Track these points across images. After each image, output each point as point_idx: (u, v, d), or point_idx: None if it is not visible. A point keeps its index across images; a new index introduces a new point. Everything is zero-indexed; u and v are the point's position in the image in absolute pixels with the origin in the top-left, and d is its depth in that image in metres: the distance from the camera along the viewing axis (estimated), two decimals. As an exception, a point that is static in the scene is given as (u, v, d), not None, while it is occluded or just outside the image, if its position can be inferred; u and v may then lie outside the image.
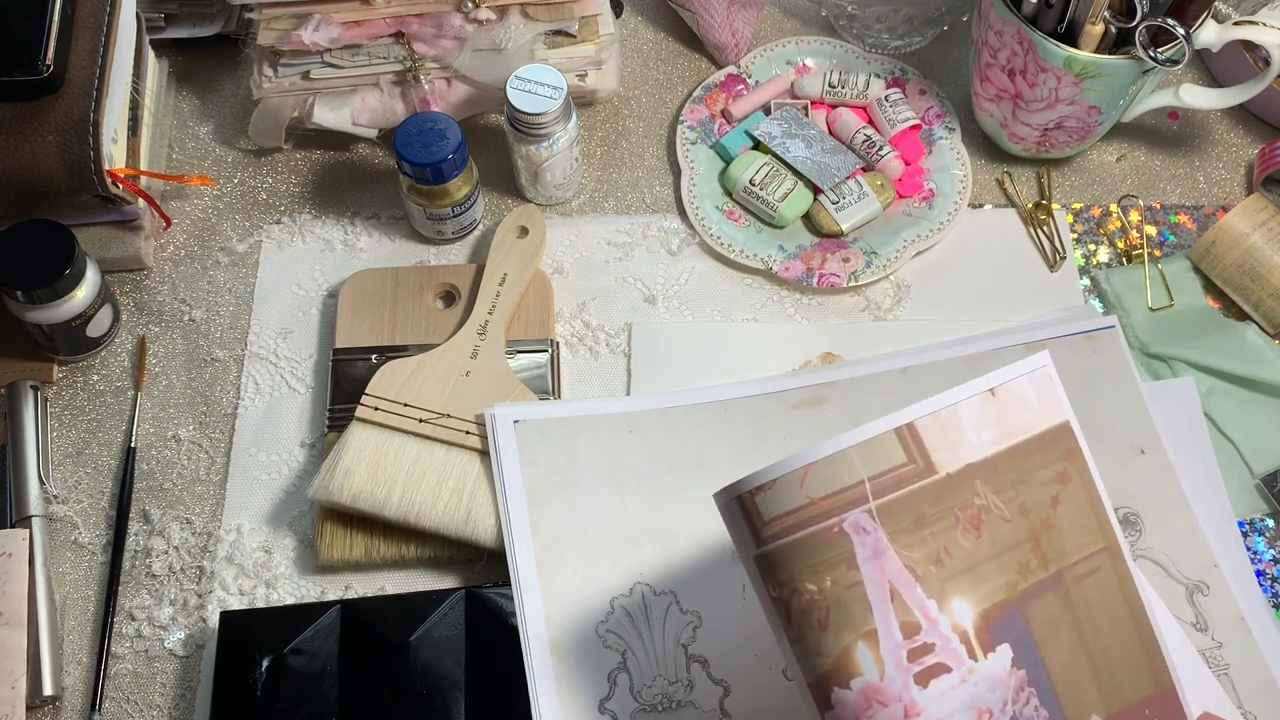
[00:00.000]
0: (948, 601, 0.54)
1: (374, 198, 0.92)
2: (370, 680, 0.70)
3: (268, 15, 0.86)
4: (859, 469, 0.54)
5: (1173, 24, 0.79)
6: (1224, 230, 0.85)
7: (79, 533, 0.79)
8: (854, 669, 0.53)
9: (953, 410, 0.56)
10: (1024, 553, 0.55)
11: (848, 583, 0.53)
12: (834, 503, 0.54)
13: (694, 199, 0.90)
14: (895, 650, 0.53)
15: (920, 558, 0.54)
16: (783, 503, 0.54)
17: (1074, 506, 0.56)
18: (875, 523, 0.54)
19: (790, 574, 0.53)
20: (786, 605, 0.54)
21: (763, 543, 0.54)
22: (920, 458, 0.55)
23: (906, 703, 0.53)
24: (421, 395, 0.79)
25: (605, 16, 0.90)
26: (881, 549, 0.53)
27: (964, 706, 0.53)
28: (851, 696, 0.53)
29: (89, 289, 0.81)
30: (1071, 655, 0.54)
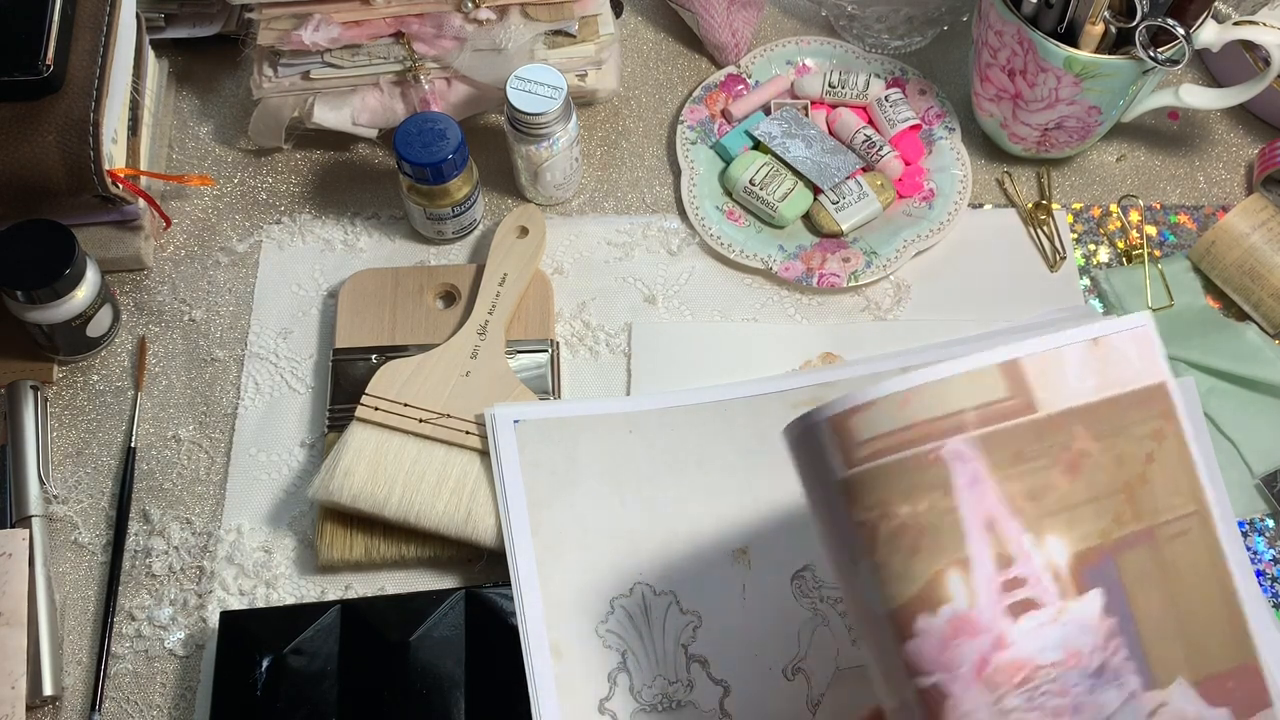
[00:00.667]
0: (1042, 538, 0.53)
1: (374, 198, 0.92)
2: (370, 680, 0.70)
3: (268, 15, 0.86)
4: (962, 398, 0.53)
5: (1173, 24, 0.79)
6: (1224, 230, 0.85)
7: (79, 533, 0.79)
8: (943, 596, 0.51)
9: (1056, 353, 0.55)
10: (1119, 503, 0.54)
11: (943, 509, 0.52)
12: (935, 428, 0.53)
13: (694, 199, 0.90)
14: (988, 580, 0.52)
15: (1017, 492, 0.53)
16: (881, 424, 0.52)
17: (1168, 466, 0.55)
18: (975, 451, 0.53)
19: (881, 496, 0.52)
20: (874, 529, 0.52)
21: (854, 464, 0.52)
22: (1022, 394, 0.54)
23: (997, 634, 0.51)
24: (421, 395, 0.79)
25: (605, 16, 0.90)
26: (980, 478, 0.52)
27: (1054, 645, 0.52)
28: (938, 624, 0.51)
29: (89, 289, 0.81)
30: (1161, 613, 0.53)
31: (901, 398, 0.53)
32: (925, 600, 0.51)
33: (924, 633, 0.51)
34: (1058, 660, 0.52)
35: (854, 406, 0.53)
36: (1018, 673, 0.51)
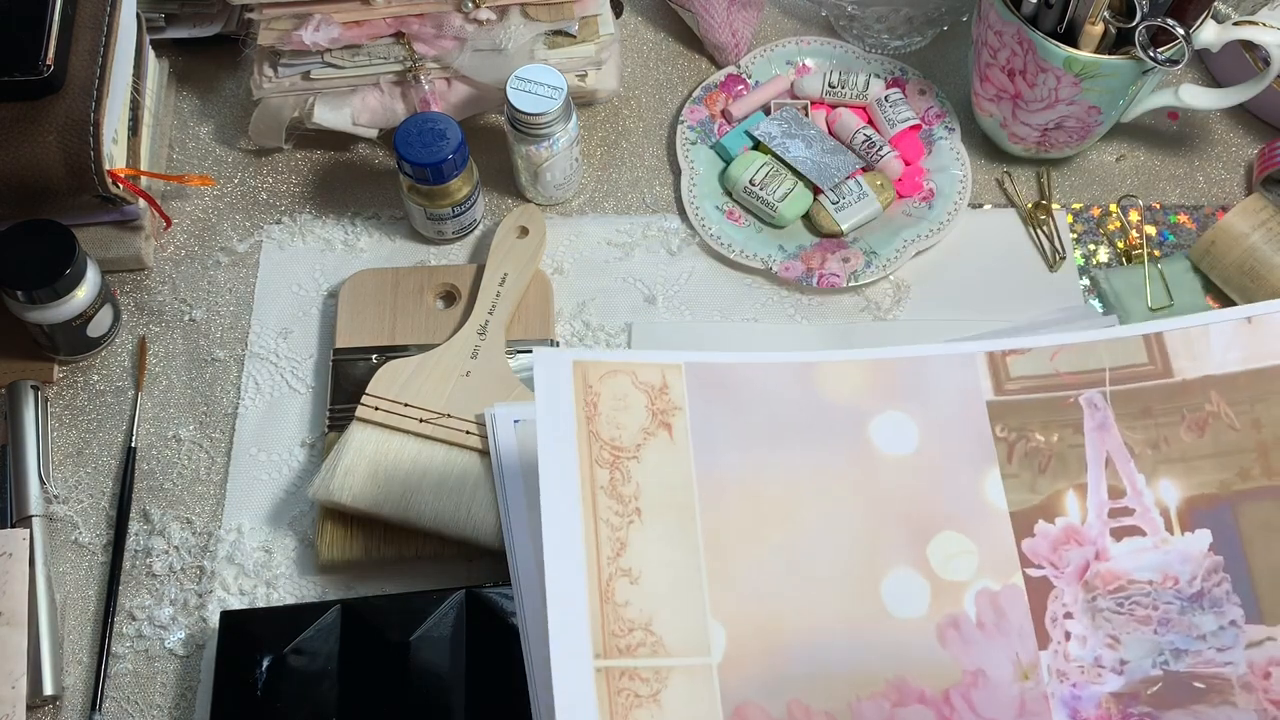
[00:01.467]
0: (1156, 480, 0.63)
1: (374, 198, 0.92)
2: (370, 680, 0.70)
3: (268, 15, 0.86)
4: (1104, 359, 0.65)
5: (1172, 24, 0.79)
6: (1224, 230, 0.85)
7: (79, 533, 0.79)
8: (1060, 509, 0.63)
9: (1203, 329, 0.65)
10: (1248, 459, 0.63)
11: (1071, 443, 0.64)
12: (1076, 379, 0.65)
13: (694, 199, 0.90)
14: (1099, 505, 0.63)
15: (1139, 440, 0.64)
16: (1031, 368, 0.65)
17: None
18: (1106, 403, 0.64)
19: (1023, 421, 0.64)
20: (1011, 446, 0.64)
21: (1003, 392, 0.65)
22: (1160, 362, 0.65)
23: (1099, 547, 0.62)
24: (422, 395, 0.79)
25: (605, 16, 0.90)
26: (1107, 424, 0.64)
27: (1151, 567, 0.61)
28: (1053, 530, 0.62)
29: (89, 289, 0.81)
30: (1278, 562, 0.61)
31: (1052, 351, 0.65)
32: (1045, 510, 0.63)
33: (1041, 534, 0.62)
34: (1153, 579, 0.61)
35: (1013, 349, 0.65)
36: (1113, 581, 0.61)
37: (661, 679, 0.58)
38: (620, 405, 0.63)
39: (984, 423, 0.64)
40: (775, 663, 0.59)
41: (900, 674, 0.60)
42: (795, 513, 0.63)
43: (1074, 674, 0.61)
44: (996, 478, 0.63)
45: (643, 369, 0.63)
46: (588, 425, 0.61)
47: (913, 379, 0.65)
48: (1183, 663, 0.61)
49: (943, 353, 0.66)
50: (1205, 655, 0.60)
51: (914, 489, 0.63)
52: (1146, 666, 0.61)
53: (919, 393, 0.65)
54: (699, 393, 0.64)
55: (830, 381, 0.66)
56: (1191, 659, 0.60)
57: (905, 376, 0.66)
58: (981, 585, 0.61)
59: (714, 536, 0.61)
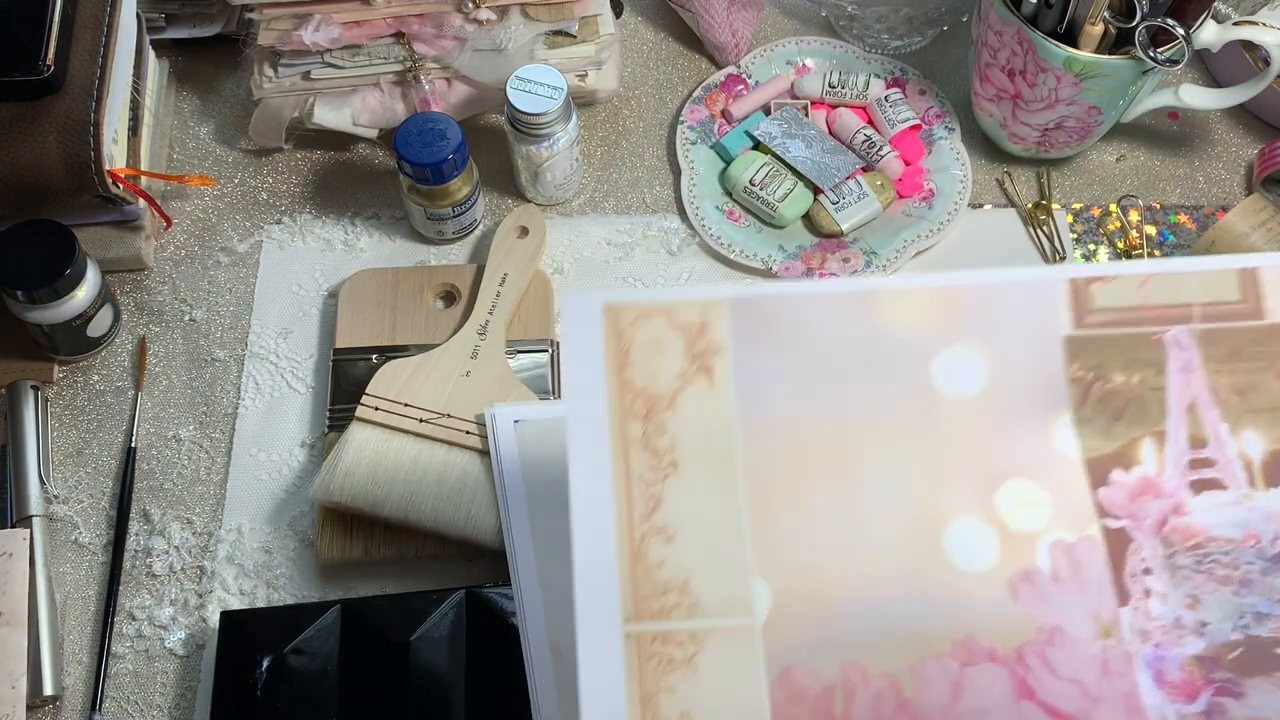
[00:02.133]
0: (1241, 431, 0.58)
1: (374, 198, 0.92)
2: (370, 680, 0.70)
3: (268, 15, 0.86)
4: (1195, 292, 0.59)
5: (1172, 24, 0.79)
6: (1224, 230, 0.85)
7: (79, 533, 0.79)
8: (1137, 458, 0.58)
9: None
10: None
11: (1152, 385, 0.59)
12: (1163, 313, 0.59)
13: (694, 199, 0.90)
14: (1179, 455, 0.58)
15: (1226, 385, 0.59)
16: (1117, 298, 0.59)
17: None
18: (1193, 342, 0.59)
19: (1102, 360, 0.59)
20: (1088, 387, 0.59)
21: (1083, 325, 0.59)
22: (1253, 300, 0.60)
23: (1177, 501, 0.57)
24: (422, 395, 0.79)
25: (605, 16, 0.90)
26: (1192, 367, 0.59)
27: (1232, 523, 0.57)
28: (1129, 480, 0.58)
29: (89, 289, 0.81)
30: None
31: (1141, 279, 0.60)
32: (1121, 458, 0.58)
33: (1117, 484, 0.58)
34: (1234, 537, 0.57)
35: (1097, 275, 0.60)
36: (1192, 538, 0.57)
37: (698, 642, 0.55)
38: (655, 351, 0.59)
39: (1058, 360, 0.59)
40: (827, 623, 0.56)
41: (968, 632, 0.56)
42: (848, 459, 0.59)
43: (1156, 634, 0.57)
44: (1068, 422, 0.59)
45: (682, 308, 0.60)
46: (619, 375, 0.58)
47: (985, 309, 0.61)
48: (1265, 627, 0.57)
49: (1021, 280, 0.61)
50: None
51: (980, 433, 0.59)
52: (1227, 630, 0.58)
53: (990, 325, 0.61)
54: (744, 331, 0.60)
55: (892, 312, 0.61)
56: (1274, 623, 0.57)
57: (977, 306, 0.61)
58: (1055, 536, 0.58)
59: (758, 487, 0.58)
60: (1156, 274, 0.60)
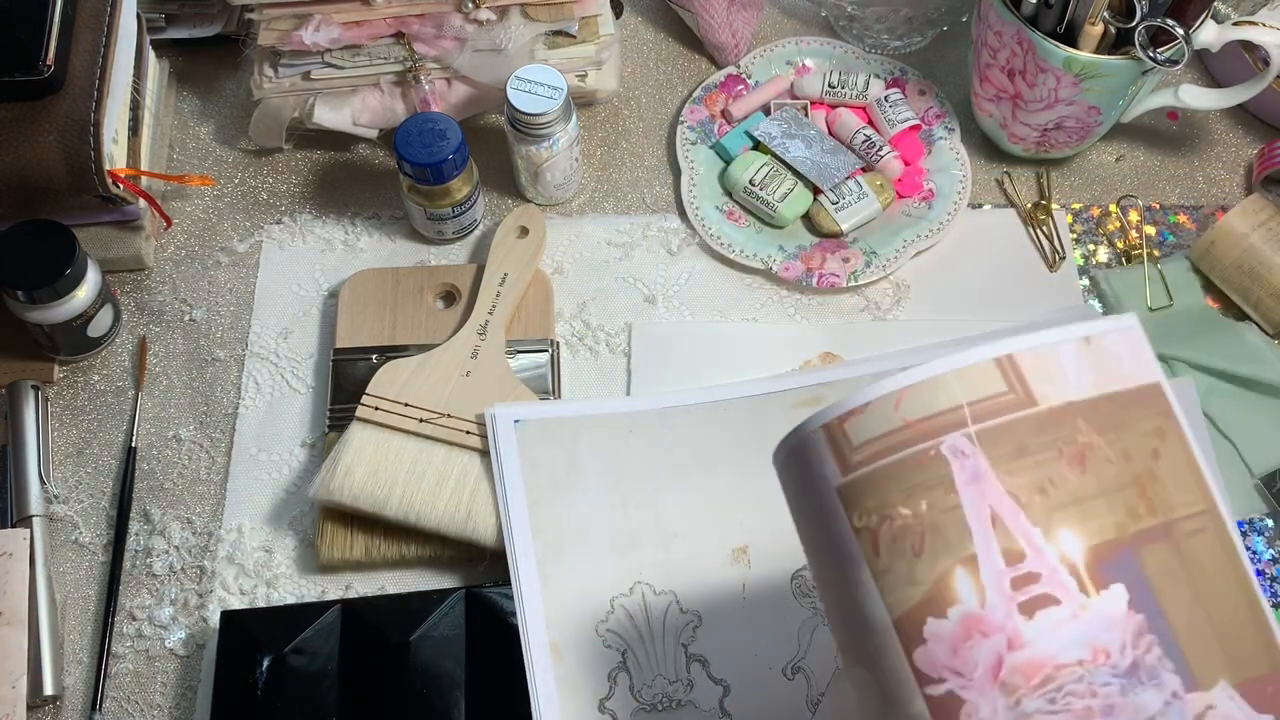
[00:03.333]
0: (1054, 532, 0.50)
1: (374, 198, 0.92)
2: (370, 680, 0.70)
3: (268, 15, 0.86)
4: (957, 394, 0.52)
5: (1172, 24, 0.79)
6: (1223, 230, 0.85)
7: (79, 532, 0.79)
8: (951, 597, 0.49)
9: (1052, 349, 0.53)
10: (1131, 496, 0.52)
11: (944, 506, 0.50)
12: (930, 426, 0.51)
13: (694, 199, 0.90)
14: (998, 576, 0.50)
15: (1023, 485, 0.51)
16: (875, 426, 0.52)
17: (1174, 463, 0.53)
18: (975, 446, 0.51)
19: (881, 499, 0.51)
20: (875, 534, 0.51)
21: (850, 469, 0.52)
22: (1021, 388, 0.52)
23: (1010, 633, 0.49)
24: (422, 395, 0.79)
25: (605, 17, 0.90)
26: (982, 473, 0.51)
27: (1076, 642, 0.49)
28: (948, 626, 0.49)
29: (89, 289, 0.81)
30: (1191, 612, 0.51)
31: (895, 398, 0.52)
32: (933, 603, 0.50)
33: (935, 637, 0.49)
34: (1082, 658, 0.49)
35: (847, 411, 0.52)
36: (1037, 673, 0.49)
37: None
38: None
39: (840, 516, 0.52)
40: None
41: None
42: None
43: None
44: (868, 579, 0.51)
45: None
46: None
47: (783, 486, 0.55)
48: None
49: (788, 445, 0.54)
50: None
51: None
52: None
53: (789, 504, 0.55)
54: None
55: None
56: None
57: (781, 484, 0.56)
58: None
59: None
60: (910, 386, 0.52)
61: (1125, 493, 0.52)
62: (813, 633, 0.72)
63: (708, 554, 0.75)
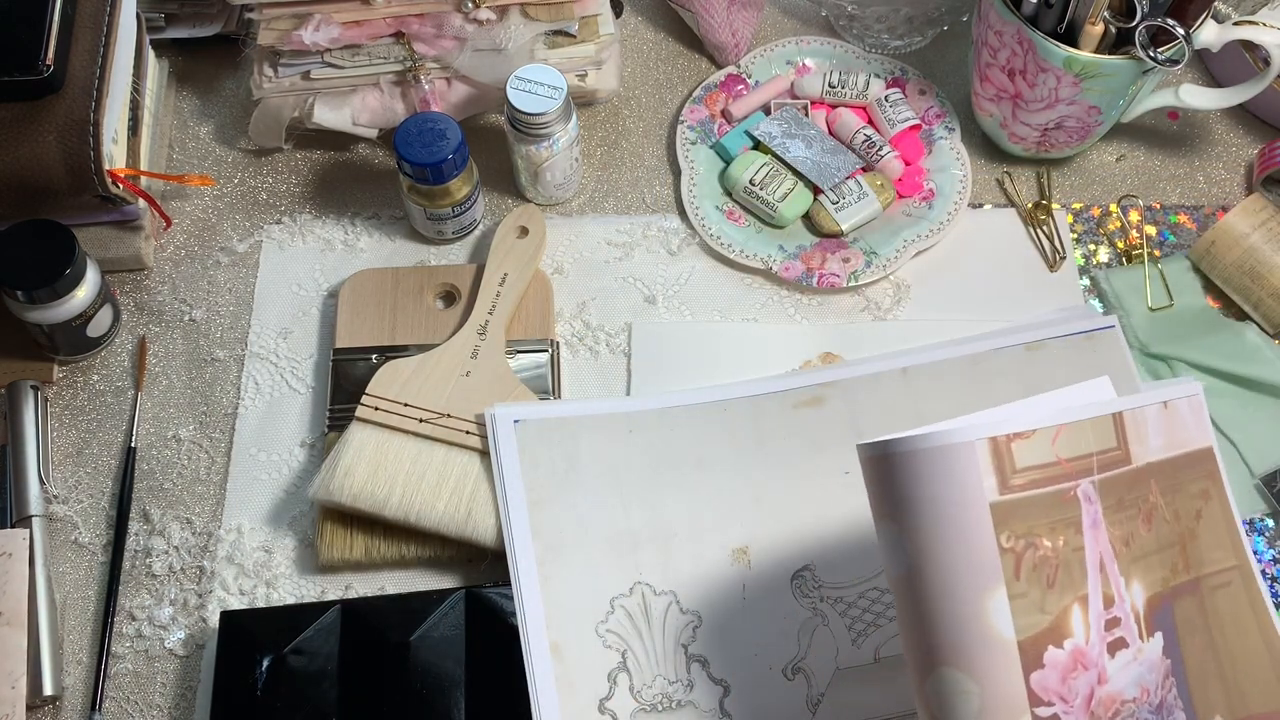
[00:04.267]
0: (1131, 582, 0.55)
1: (374, 198, 0.92)
2: (370, 680, 0.70)
3: (268, 15, 0.86)
4: (1092, 442, 0.55)
5: (1173, 24, 0.79)
6: (1224, 230, 0.85)
7: (79, 533, 0.79)
8: (1069, 630, 0.53)
9: (1143, 413, 0.58)
10: (1175, 554, 0.57)
11: (1074, 546, 0.54)
12: (1074, 468, 0.54)
13: (694, 199, 0.90)
14: (1098, 618, 0.54)
15: (1118, 536, 0.55)
16: (1036, 455, 0.54)
17: (1213, 522, 0.58)
18: (1097, 494, 0.55)
19: (1030, 526, 0.53)
20: (1019, 557, 0.53)
21: (1009, 489, 0.53)
22: (1124, 446, 0.57)
23: (1100, 669, 0.53)
24: (422, 395, 0.79)
25: (605, 16, 0.90)
26: (1099, 521, 0.54)
27: (1134, 682, 0.54)
28: (1063, 657, 0.52)
29: (89, 289, 0.81)
30: (1203, 656, 0.56)
31: (1054, 433, 0.54)
32: (1055, 633, 0.52)
33: (1052, 664, 0.52)
34: (1136, 696, 0.54)
35: (1017, 433, 0.54)
36: (1111, 705, 0.53)
37: None
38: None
39: (988, 530, 0.52)
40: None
41: None
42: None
43: None
44: (1003, 599, 0.52)
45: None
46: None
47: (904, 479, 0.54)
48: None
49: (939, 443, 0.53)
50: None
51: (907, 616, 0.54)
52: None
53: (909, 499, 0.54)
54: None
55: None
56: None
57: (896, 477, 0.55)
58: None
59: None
60: (1066, 425, 0.55)
61: (1172, 550, 0.57)
62: (813, 633, 0.72)
63: (708, 554, 0.75)
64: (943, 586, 0.53)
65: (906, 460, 0.53)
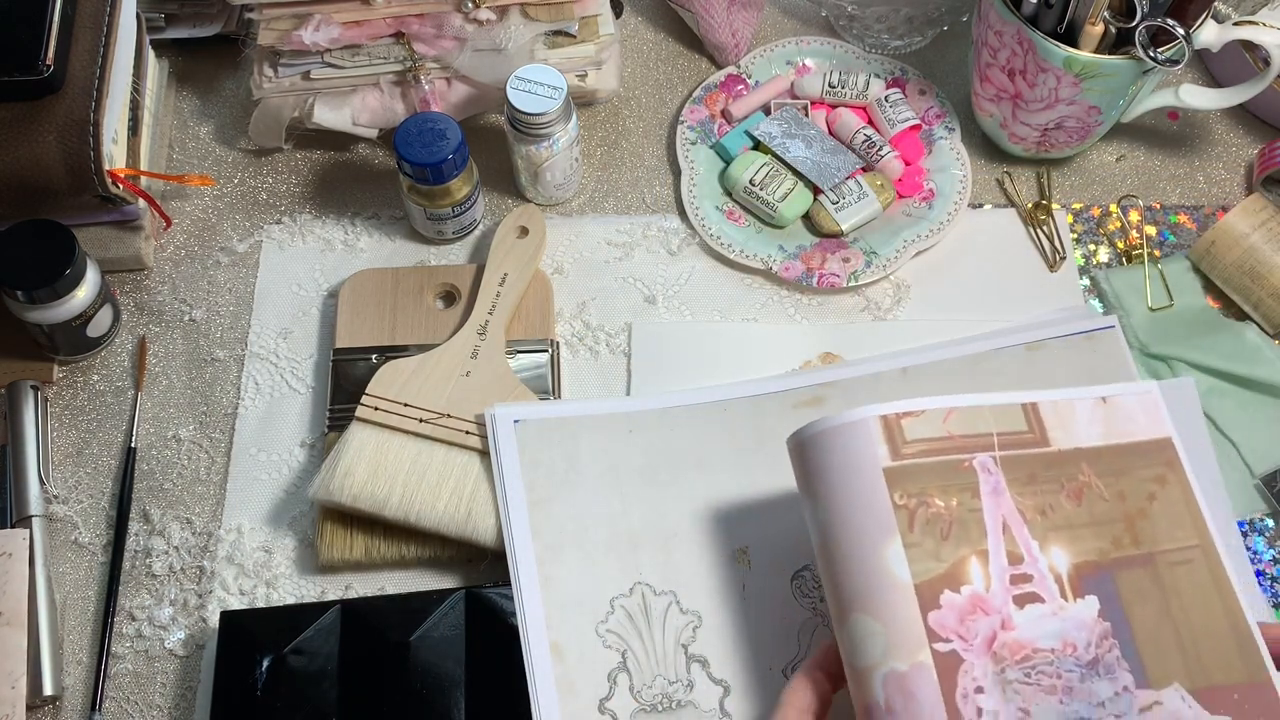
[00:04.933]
0: (1048, 547, 0.63)
1: (374, 198, 0.92)
2: (370, 680, 0.70)
3: (268, 15, 0.86)
4: (990, 423, 0.66)
5: (1172, 24, 0.79)
6: (1224, 230, 0.85)
7: (79, 533, 0.79)
8: (965, 578, 0.62)
9: (1069, 404, 0.67)
10: (1118, 529, 0.64)
11: (970, 507, 0.63)
12: (968, 443, 0.65)
13: (694, 199, 0.90)
14: (1001, 571, 0.62)
15: (1029, 506, 0.64)
16: (926, 430, 0.64)
17: (1169, 505, 0.66)
18: (997, 467, 0.64)
19: (922, 487, 0.63)
20: (912, 513, 0.62)
21: (899, 457, 0.63)
22: (1038, 430, 0.66)
23: (1005, 616, 0.61)
24: (421, 395, 0.79)
25: (605, 16, 0.90)
26: (1000, 489, 0.64)
27: (1052, 634, 0.61)
28: (959, 600, 0.61)
29: (89, 289, 0.81)
30: (1157, 625, 0.63)
31: (944, 413, 0.65)
32: (950, 578, 0.61)
33: (948, 605, 0.61)
34: (1055, 647, 0.61)
35: (906, 411, 0.64)
36: (1019, 651, 0.61)
37: None
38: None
39: (882, 490, 0.62)
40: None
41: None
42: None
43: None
44: (899, 548, 0.61)
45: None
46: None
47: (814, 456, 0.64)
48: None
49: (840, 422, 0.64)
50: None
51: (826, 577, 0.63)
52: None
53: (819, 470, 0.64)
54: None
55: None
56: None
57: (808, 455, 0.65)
58: (888, 668, 0.59)
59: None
60: (958, 408, 0.65)
61: (1113, 526, 0.64)
62: (813, 633, 0.72)
63: (708, 554, 0.75)
64: (848, 541, 0.63)
65: (815, 440, 0.64)
